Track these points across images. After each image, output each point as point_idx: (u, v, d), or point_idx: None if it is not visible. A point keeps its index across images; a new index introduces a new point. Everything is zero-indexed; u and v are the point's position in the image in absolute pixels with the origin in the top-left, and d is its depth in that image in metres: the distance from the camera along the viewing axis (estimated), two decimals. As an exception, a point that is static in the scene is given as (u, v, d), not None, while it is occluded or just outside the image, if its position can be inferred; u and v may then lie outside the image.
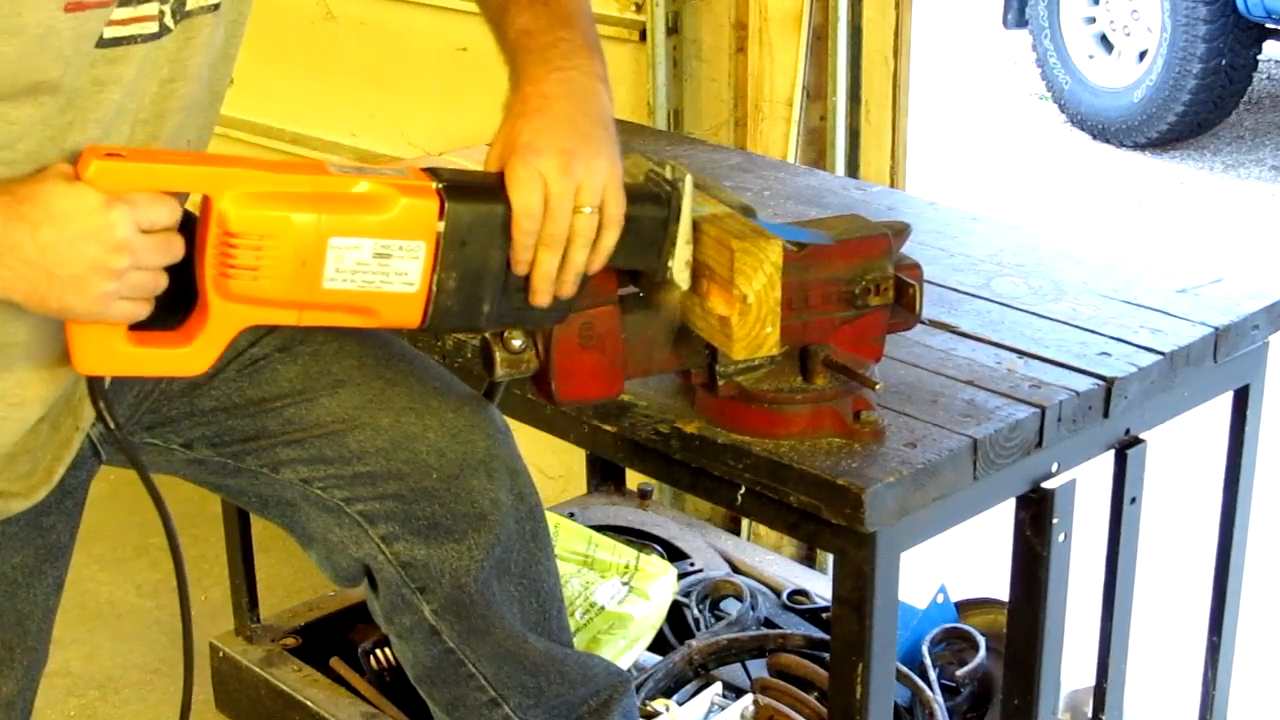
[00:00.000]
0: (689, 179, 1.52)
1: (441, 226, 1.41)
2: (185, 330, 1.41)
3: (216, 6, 1.50)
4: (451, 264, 1.42)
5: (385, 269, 1.40)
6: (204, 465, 1.75)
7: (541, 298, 1.47)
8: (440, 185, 1.42)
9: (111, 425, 1.48)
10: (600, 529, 2.69)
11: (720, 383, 1.62)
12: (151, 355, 1.41)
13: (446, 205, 1.41)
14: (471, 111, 3.09)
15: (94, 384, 1.45)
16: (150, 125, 1.50)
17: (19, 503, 1.59)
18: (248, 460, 1.73)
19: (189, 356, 1.41)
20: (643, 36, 2.82)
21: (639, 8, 2.84)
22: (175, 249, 1.36)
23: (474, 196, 1.43)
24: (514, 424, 1.85)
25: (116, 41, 1.41)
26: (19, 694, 1.70)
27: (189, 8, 1.47)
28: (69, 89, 1.40)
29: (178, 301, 1.42)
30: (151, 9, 1.43)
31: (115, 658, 2.97)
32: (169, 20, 1.45)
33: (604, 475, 2.94)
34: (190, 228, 1.39)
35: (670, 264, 1.54)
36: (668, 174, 1.53)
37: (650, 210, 1.51)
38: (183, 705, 1.65)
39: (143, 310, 1.37)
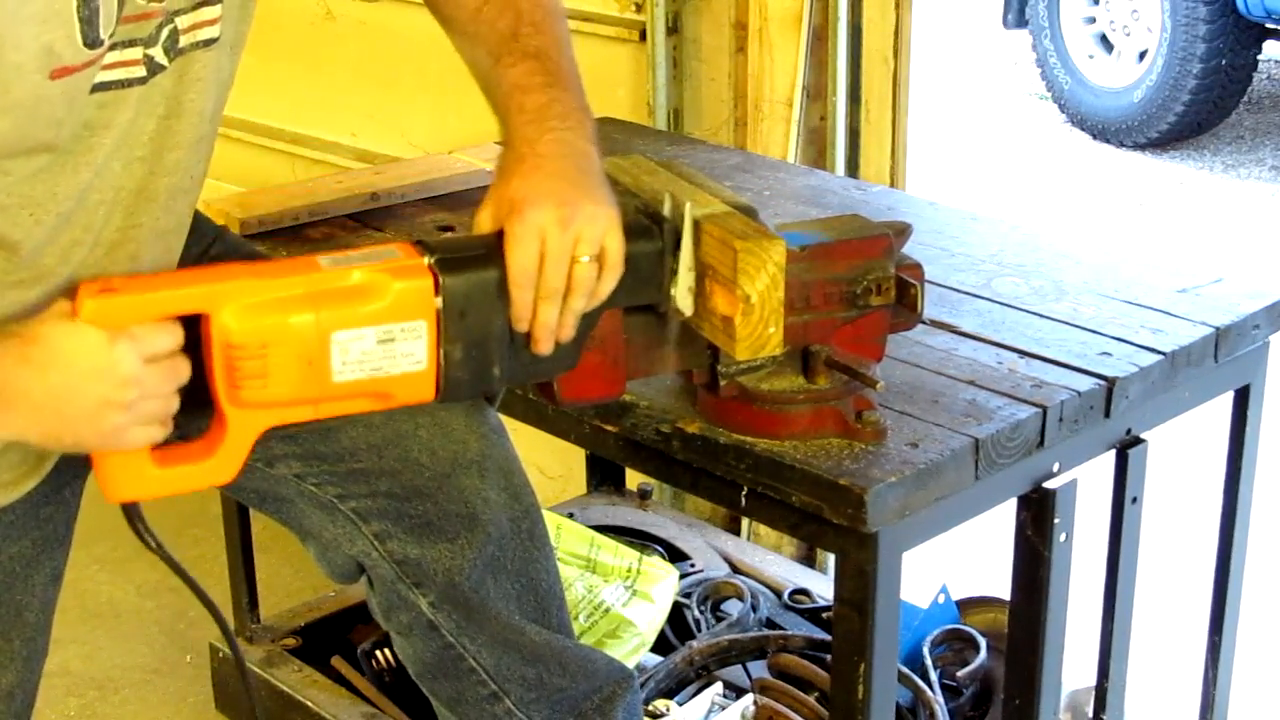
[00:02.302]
0: (689, 207, 1.52)
1: (439, 302, 1.41)
2: (207, 443, 1.42)
3: (211, 41, 1.50)
4: (455, 336, 1.43)
5: (391, 353, 1.41)
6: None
7: (543, 346, 1.47)
8: (432, 260, 1.42)
9: (153, 546, 1.48)
10: (600, 529, 2.69)
11: (722, 383, 1.62)
12: (179, 474, 1.42)
13: (441, 280, 1.41)
14: (471, 111, 3.08)
15: (129, 510, 1.46)
16: (148, 162, 1.50)
17: (9, 492, 1.60)
18: None
19: (215, 469, 1.42)
20: (643, 36, 2.82)
21: (639, 8, 2.84)
22: (182, 372, 1.37)
23: (466, 266, 1.43)
24: (514, 424, 1.85)
25: (104, 86, 1.41)
26: (19, 685, 1.70)
27: (182, 45, 1.47)
28: (65, 141, 1.40)
29: (196, 404, 1.42)
30: (135, 53, 1.43)
31: (115, 658, 2.97)
32: (161, 59, 1.46)
33: (604, 475, 2.94)
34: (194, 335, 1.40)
35: (673, 294, 1.54)
36: (665, 209, 1.54)
37: (644, 246, 1.51)
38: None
39: (159, 434, 1.38)
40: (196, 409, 1.41)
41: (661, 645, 2.47)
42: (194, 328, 1.39)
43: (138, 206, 1.52)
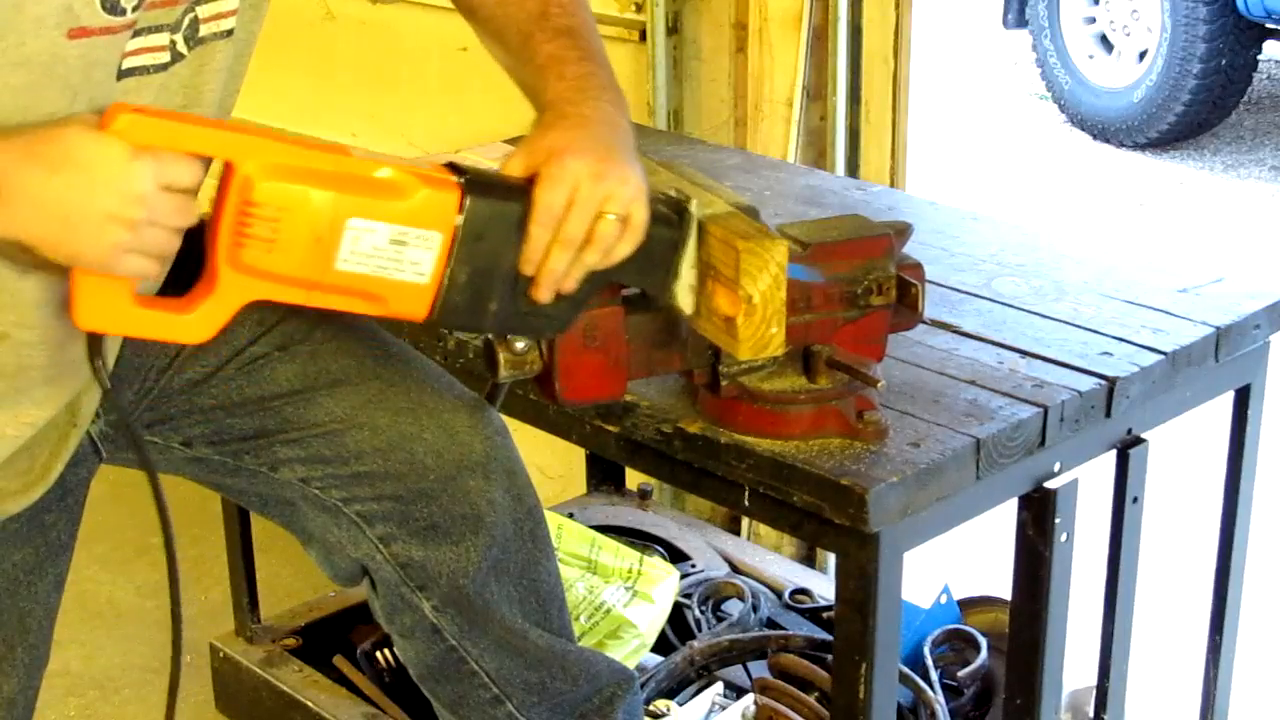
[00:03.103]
0: (694, 204, 1.53)
1: (459, 220, 1.41)
2: (190, 297, 1.40)
3: (230, 32, 1.51)
4: (465, 258, 1.43)
5: (399, 256, 1.40)
6: (203, 464, 1.75)
7: (544, 294, 1.47)
8: (462, 180, 1.42)
9: (107, 387, 1.46)
10: (600, 529, 2.69)
11: (723, 383, 1.62)
12: (154, 318, 1.40)
13: (466, 199, 1.41)
14: (471, 111, 3.09)
15: (92, 341, 1.43)
16: None
17: (16, 501, 1.59)
18: (246, 459, 1.73)
19: (191, 324, 1.40)
20: (643, 36, 2.82)
21: (639, 8, 2.83)
22: (192, 212, 1.35)
23: (494, 194, 1.43)
24: (514, 424, 1.85)
25: (130, 72, 1.42)
26: (20, 692, 1.70)
27: (202, 34, 1.48)
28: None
29: (182, 282, 1.41)
30: (162, 39, 1.43)
31: (115, 658, 2.97)
32: (181, 47, 1.46)
33: (604, 475, 2.93)
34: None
35: (675, 287, 1.55)
36: (675, 195, 1.54)
37: (663, 232, 1.52)
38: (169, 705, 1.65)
39: (153, 269, 1.36)
40: (184, 286, 1.40)
41: (662, 646, 2.47)
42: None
43: None
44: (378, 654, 2.44)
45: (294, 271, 1.39)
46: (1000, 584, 2.09)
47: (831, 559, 2.76)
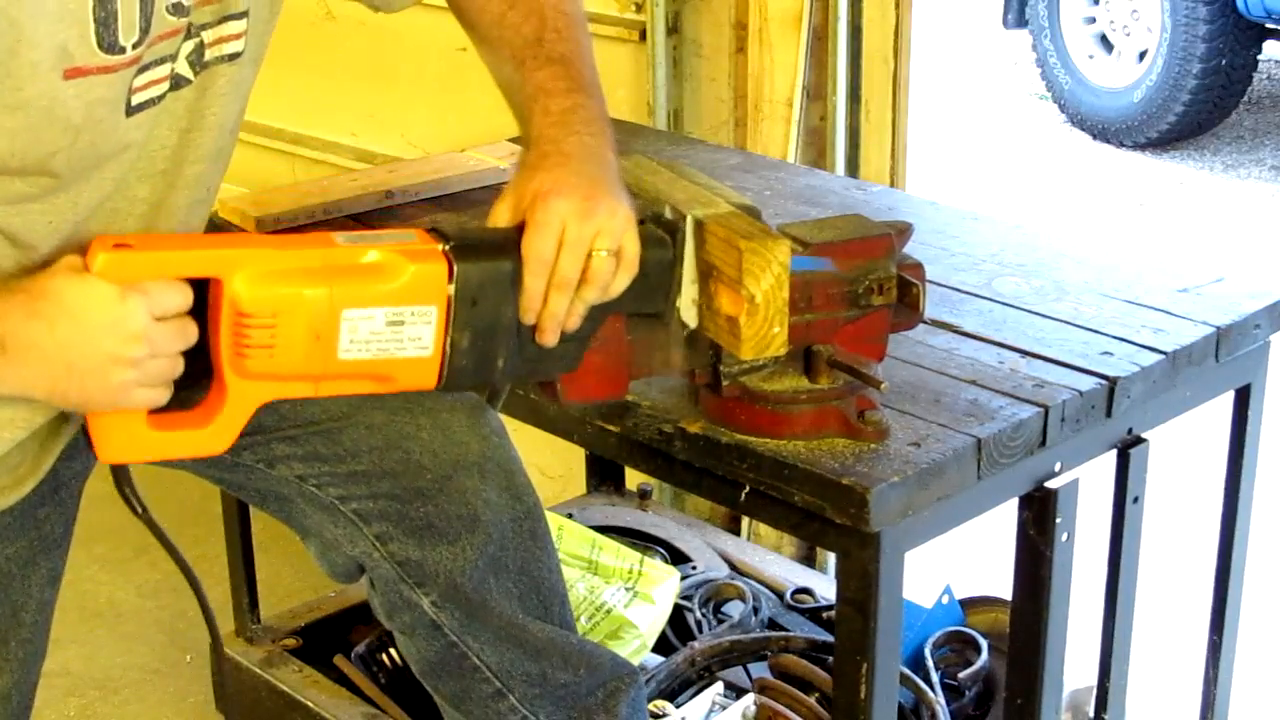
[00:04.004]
0: (689, 218, 1.53)
1: (451, 289, 1.41)
2: (204, 410, 1.42)
3: (236, 55, 1.51)
4: (464, 324, 1.43)
5: (399, 335, 1.41)
6: (202, 458, 1.75)
7: (549, 337, 1.47)
8: (447, 247, 1.42)
9: (139, 513, 1.48)
10: (600, 529, 2.69)
11: (724, 383, 1.62)
12: (173, 439, 1.42)
13: (455, 267, 1.41)
14: (471, 111, 3.09)
15: (118, 472, 1.45)
16: (168, 176, 1.52)
17: (7, 496, 1.60)
18: (244, 455, 1.74)
19: (210, 437, 1.42)
20: (643, 36, 2.82)
21: (639, 8, 2.83)
22: (190, 334, 1.37)
23: (481, 255, 1.43)
24: (514, 424, 1.85)
25: (140, 107, 1.43)
26: (14, 686, 1.70)
27: (207, 59, 1.49)
28: (86, 156, 1.41)
29: (192, 376, 1.42)
30: (165, 70, 1.44)
31: (115, 658, 2.98)
32: (186, 72, 1.47)
33: (603, 475, 2.93)
34: (201, 307, 1.40)
35: (678, 305, 1.55)
36: (667, 214, 1.54)
37: (657, 254, 1.52)
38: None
39: (162, 396, 1.38)
40: (194, 380, 1.40)
41: (662, 647, 2.47)
42: (201, 296, 1.38)
43: (156, 219, 1.54)
44: (378, 654, 2.44)
45: (299, 369, 1.39)
46: (1001, 584, 2.09)
47: (831, 559, 2.76)
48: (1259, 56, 6.31)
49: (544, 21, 1.62)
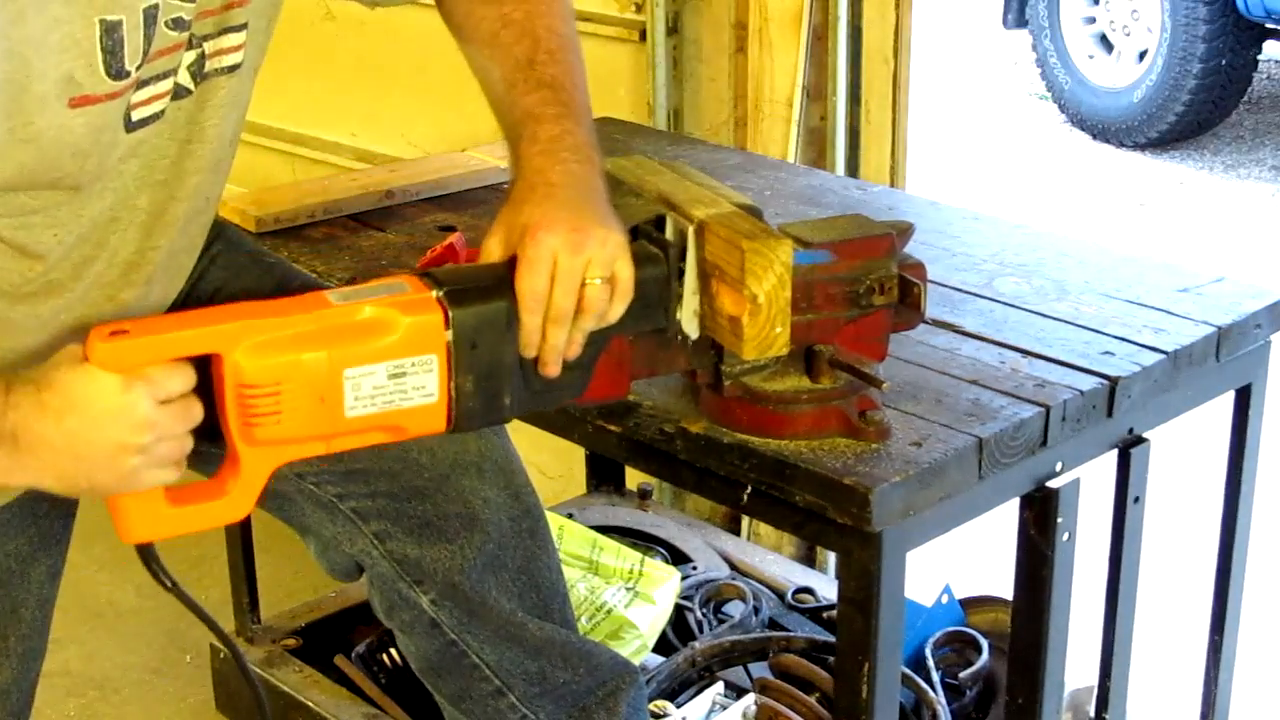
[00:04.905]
0: (690, 230, 1.53)
1: (449, 336, 1.41)
2: (219, 481, 1.42)
3: (235, 68, 1.51)
4: (466, 368, 1.43)
5: (403, 387, 1.41)
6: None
7: (551, 369, 1.47)
8: (440, 294, 1.42)
9: (169, 586, 1.49)
10: (600, 529, 2.69)
11: (726, 383, 1.62)
12: (193, 513, 1.42)
13: (450, 314, 1.41)
14: (472, 111, 3.07)
15: (143, 551, 1.46)
16: (169, 186, 1.52)
17: (7, 492, 1.60)
18: None
19: (228, 507, 1.43)
20: (643, 36, 2.82)
21: (639, 8, 2.84)
22: (195, 413, 1.37)
23: (475, 298, 1.43)
24: (515, 423, 1.84)
25: (141, 123, 1.44)
26: (14, 683, 1.71)
27: (207, 70, 1.49)
28: (90, 174, 1.42)
29: (209, 435, 1.42)
30: (167, 84, 1.45)
31: (115, 658, 2.97)
32: (187, 83, 1.47)
33: (603, 475, 2.93)
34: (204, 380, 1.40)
35: (679, 318, 1.55)
36: (667, 219, 1.54)
37: (650, 272, 1.52)
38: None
39: (173, 474, 1.39)
40: (209, 448, 1.42)
41: (663, 647, 2.47)
42: (204, 368, 1.39)
43: (156, 229, 1.54)
44: (378, 654, 2.44)
45: (308, 432, 1.40)
46: (1001, 584, 2.09)
47: (832, 558, 2.76)
48: (1259, 56, 6.31)
49: (537, 43, 1.61)
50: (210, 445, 1.41)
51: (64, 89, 1.34)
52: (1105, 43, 6.51)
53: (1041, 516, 1.75)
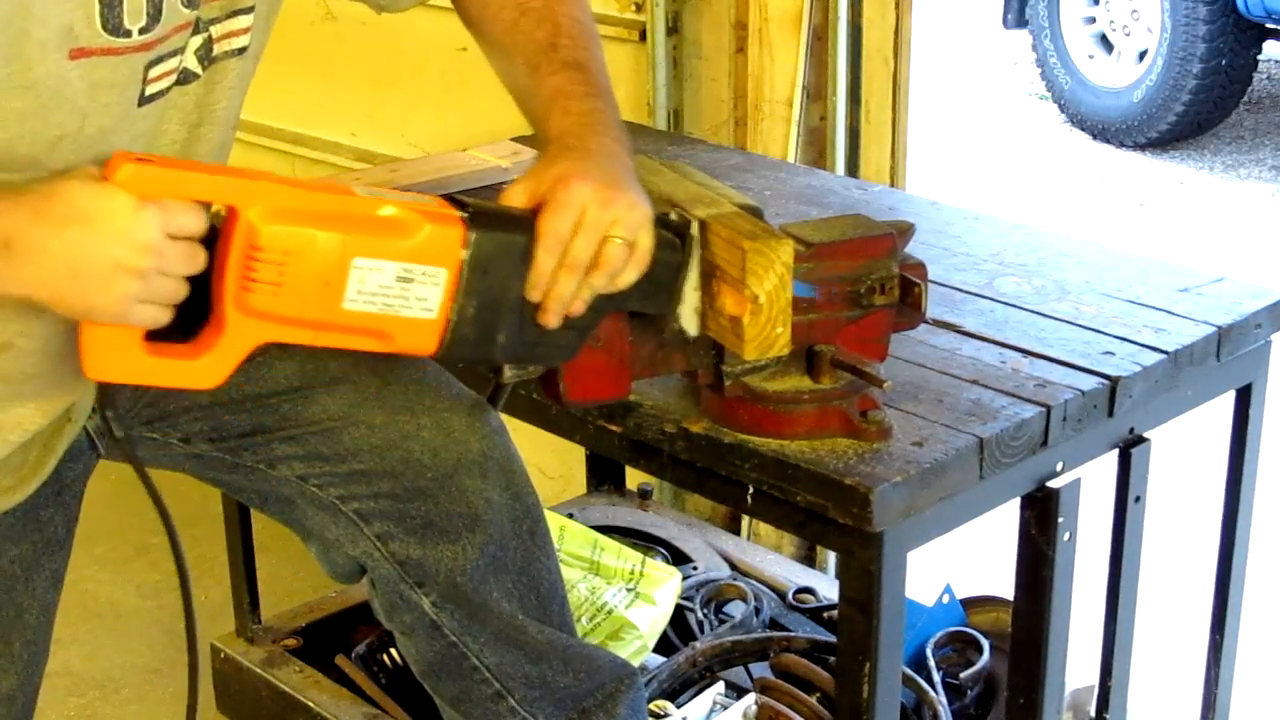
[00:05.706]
0: (695, 225, 1.53)
1: (465, 254, 1.41)
2: (199, 343, 1.40)
3: (243, 50, 1.51)
4: (472, 292, 1.43)
5: (406, 293, 1.40)
6: (202, 460, 1.75)
7: (552, 319, 1.47)
8: (465, 214, 1.42)
9: (119, 437, 1.47)
10: (600, 529, 2.69)
11: (727, 383, 1.62)
12: (164, 365, 1.40)
13: (471, 233, 1.41)
14: (472, 111, 3.09)
15: (103, 391, 1.44)
16: None
17: (10, 497, 1.60)
18: (244, 455, 1.74)
19: (201, 369, 1.41)
20: (643, 36, 2.82)
21: (639, 8, 2.84)
22: (199, 259, 1.36)
23: (498, 226, 1.44)
24: (514, 423, 1.85)
25: (152, 98, 1.44)
26: (19, 688, 1.70)
27: (215, 54, 1.49)
28: (95, 143, 1.41)
29: (189, 325, 1.41)
30: (174, 63, 1.45)
31: (115, 658, 2.98)
32: (195, 67, 1.48)
33: (604, 475, 2.93)
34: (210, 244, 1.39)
35: (679, 311, 1.55)
36: (672, 217, 1.55)
37: (667, 256, 1.52)
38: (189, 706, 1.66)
39: (163, 316, 1.37)
40: (190, 326, 1.40)
41: (664, 647, 2.47)
42: (209, 241, 1.37)
43: None
44: (379, 654, 2.43)
45: (302, 313, 1.39)
46: (1002, 583, 2.09)
47: (832, 558, 2.76)
48: (1259, 56, 6.32)
49: (558, 28, 1.62)
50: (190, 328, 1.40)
51: (64, 39, 1.34)
52: (1105, 43, 6.51)
53: (1042, 516, 1.75)
